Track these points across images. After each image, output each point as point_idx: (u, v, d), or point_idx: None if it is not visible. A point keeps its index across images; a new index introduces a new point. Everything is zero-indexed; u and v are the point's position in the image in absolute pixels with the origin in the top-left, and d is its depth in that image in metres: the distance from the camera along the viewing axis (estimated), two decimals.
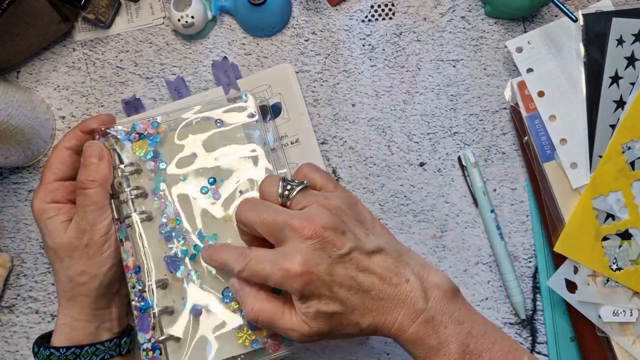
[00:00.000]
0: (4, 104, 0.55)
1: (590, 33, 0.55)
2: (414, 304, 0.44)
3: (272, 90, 0.60)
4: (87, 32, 0.62)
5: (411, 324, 0.44)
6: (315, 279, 0.43)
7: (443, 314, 0.45)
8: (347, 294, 0.44)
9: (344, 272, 0.44)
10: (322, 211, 0.45)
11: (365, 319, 0.45)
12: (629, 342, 0.53)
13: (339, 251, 0.44)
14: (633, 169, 0.53)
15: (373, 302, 0.44)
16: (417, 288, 0.45)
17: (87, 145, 0.53)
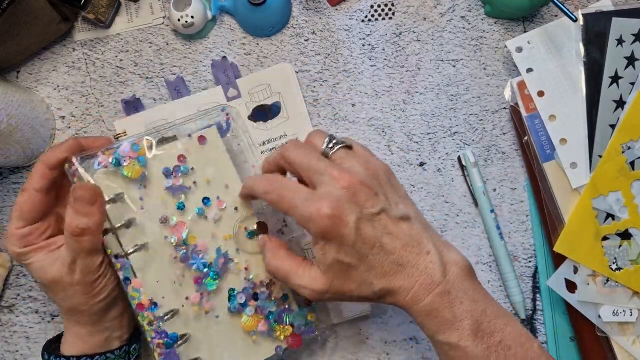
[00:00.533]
0: (4, 104, 0.55)
1: (590, 33, 0.55)
2: (432, 275, 0.45)
3: (271, 90, 0.60)
4: (87, 32, 0.62)
5: (427, 295, 0.44)
6: (342, 227, 0.44)
7: (459, 289, 0.45)
8: (369, 252, 0.45)
9: (371, 229, 0.45)
10: (360, 169, 0.46)
11: (380, 281, 0.45)
12: (629, 342, 0.53)
13: (370, 209, 0.45)
14: (633, 169, 0.53)
15: (392, 266, 0.45)
16: (437, 261, 0.45)
17: (78, 187, 0.48)
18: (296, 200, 0.46)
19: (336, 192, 0.45)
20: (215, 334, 0.52)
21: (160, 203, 0.51)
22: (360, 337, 0.59)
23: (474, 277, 0.47)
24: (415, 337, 0.58)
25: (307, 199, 0.45)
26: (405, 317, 0.59)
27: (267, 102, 0.60)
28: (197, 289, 0.52)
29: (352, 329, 0.59)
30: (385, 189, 0.47)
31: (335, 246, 0.45)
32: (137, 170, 0.51)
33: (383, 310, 0.59)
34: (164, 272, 0.51)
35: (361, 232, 0.45)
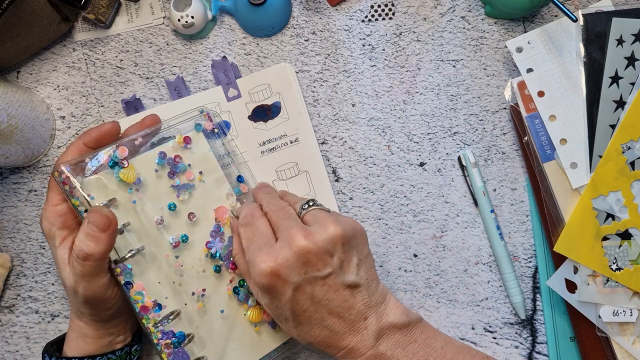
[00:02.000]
0: (4, 104, 0.55)
1: (590, 33, 0.55)
2: (364, 341, 0.46)
3: (271, 90, 0.60)
4: (87, 32, 0.62)
5: (359, 356, 0.46)
6: (279, 285, 0.46)
7: (395, 348, 0.46)
8: (300, 312, 0.46)
9: (309, 293, 0.46)
10: (322, 230, 0.46)
11: (307, 338, 0.47)
12: (629, 342, 0.53)
13: (316, 272, 0.46)
14: (633, 169, 0.53)
15: (322, 331, 0.46)
16: (373, 327, 0.46)
17: (93, 211, 0.48)
18: (252, 245, 0.48)
19: (286, 252, 0.45)
20: (220, 330, 0.53)
21: (155, 204, 0.52)
22: None
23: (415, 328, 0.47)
24: None
25: (259, 248, 0.47)
26: None
27: (267, 102, 0.60)
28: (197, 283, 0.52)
29: None
30: (344, 252, 0.47)
31: (268, 297, 0.47)
32: (133, 175, 0.51)
33: None
34: (163, 273, 0.52)
35: (297, 294, 0.46)
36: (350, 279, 0.46)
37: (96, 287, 0.49)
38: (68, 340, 0.53)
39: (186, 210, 0.53)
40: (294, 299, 0.46)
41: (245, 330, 0.53)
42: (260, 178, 0.59)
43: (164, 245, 0.52)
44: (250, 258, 0.47)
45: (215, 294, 0.53)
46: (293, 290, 0.45)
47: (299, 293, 0.45)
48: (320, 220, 0.47)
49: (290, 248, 0.45)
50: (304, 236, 0.45)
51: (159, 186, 0.52)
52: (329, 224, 0.46)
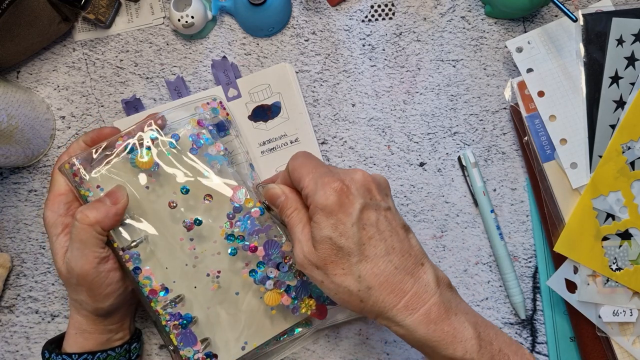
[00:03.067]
0: (4, 104, 0.55)
1: (590, 33, 0.55)
2: (426, 285, 0.43)
3: (271, 90, 0.60)
4: (87, 32, 0.62)
5: (422, 305, 0.42)
6: (347, 205, 0.43)
7: (451, 301, 0.44)
8: (366, 240, 0.43)
9: (374, 218, 0.43)
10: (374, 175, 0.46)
11: (368, 278, 0.42)
12: (629, 342, 0.53)
13: (380, 202, 0.44)
14: (633, 169, 0.53)
15: (387, 265, 0.43)
16: (430, 273, 0.44)
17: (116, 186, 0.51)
18: (316, 170, 0.45)
19: (350, 176, 0.44)
20: (233, 312, 0.54)
21: (168, 188, 0.53)
22: (360, 337, 0.59)
23: (456, 291, 0.46)
24: None
25: (324, 173, 0.44)
26: None
27: (267, 102, 0.60)
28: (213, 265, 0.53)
29: (352, 329, 0.59)
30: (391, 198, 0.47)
31: (332, 222, 0.43)
32: (150, 160, 0.52)
33: None
34: (176, 257, 0.53)
35: (364, 216, 0.43)
36: (404, 222, 0.46)
37: (88, 261, 0.49)
38: (67, 336, 0.53)
39: (201, 192, 0.53)
40: (361, 221, 0.43)
41: (259, 313, 0.54)
42: (261, 178, 0.59)
43: (178, 229, 0.53)
44: (316, 182, 0.44)
45: (230, 276, 0.53)
46: (360, 209, 0.43)
47: (365, 214, 0.43)
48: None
49: (354, 174, 0.45)
50: (363, 171, 0.45)
51: (174, 169, 0.53)
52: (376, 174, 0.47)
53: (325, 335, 0.59)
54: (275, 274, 0.52)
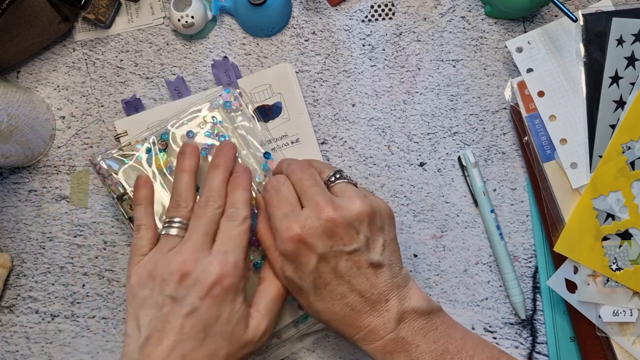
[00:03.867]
0: (4, 104, 0.55)
1: (590, 33, 0.55)
2: (385, 323, 0.45)
3: (272, 90, 0.60)
4: (87, 32, 0.62)
5: (378, 339, 0.45)
6: (304, 254, 0.45)
7: (416, 334, 0.45)
8: (322, 285, 0.46)
9: (332, 267, 0.45)
10: (350, 205, 0.46)
11: (326, 315, 0.46)
12: (629, 342, 0.53)
13: (342, 247, 0.45)
14: (633, 168, 0.53)
15: (343, 307, 0.46)
16: (394, 310, 0.45)
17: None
18: (277, 212, 0.47)
19: (313, 221, 0.45)
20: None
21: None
22: None
23: (436, 316, 0.47)
24: None
25: (285, 215, 0.46)
26: None
27: (268, 102, 0.60)
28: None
29: None
30: (370, 230, 0.46)
31: (292, 267, 0.46)
32: (165, 162, 0.55)
33: None
34: None
35: (321, 266, 0.45)
36: (375, 258, 0.45)
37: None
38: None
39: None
40: (318, 271, 0.45)
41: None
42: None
43: None
44: (276, 225, 0.46)
45: None
46: (317, 260, 0.45)
47: (323, 264, 0.45)
48: (349, 194, 0.46)
49: (317, 218, 0.45)
50: (332, 208, 0.45)
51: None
52: (357, 200, 0.46)
53: (325, 335, 0.59)
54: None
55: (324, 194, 0.46)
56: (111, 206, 0.61)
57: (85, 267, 0.61)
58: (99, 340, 0.60)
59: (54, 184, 0.61)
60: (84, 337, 0.60)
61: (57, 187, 0.61)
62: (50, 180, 0.62)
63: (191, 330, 0.45)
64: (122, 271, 0.61)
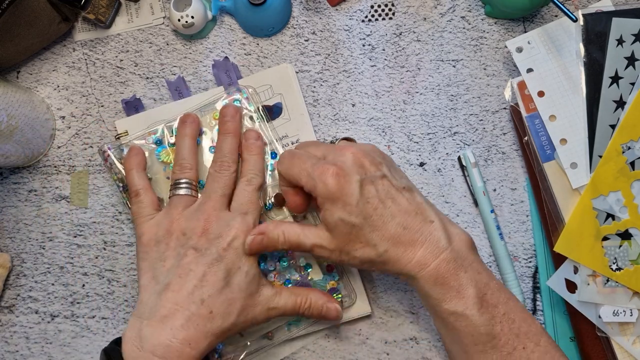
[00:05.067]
0: (4, 104, 0.55)
1: (590, 33, 0.55)
2: (437, 241, 0.47)
3: (273, 91, 0.60)
4: (87, 32, 0.62)
5: (433, 260, 0.46)
6: (346, 185, 0.47)
7: (464, 259, 0.47)
8: (372, 212, 0.47)
9: (374, 190, 0.47)
10: (362, 147, 0.50)
11: (384, 242, 0.47)
12: (629, 342, 0.53)
13: (374, 173, 0.48)
14: (633, 169, 0.53)
15: (396, 228, 0.47)
16: (441, 230, 0.47)
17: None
18: (305, 164, 0.49)
19: (341, 158, 0.48)
20: None
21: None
22: (360, 337, 0.59)
23: (476, 252, 0.49)
24: (415, 337, 0.58)
25: (315, 164, 0.48)
26: (405, 317, 0.59)
27: (269, 103, 0.60)
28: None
29: (352, 329, 0.59)
30: (386, 165, 0.49)
31: (339, 205, 0.47)
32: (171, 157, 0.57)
33: (383, 310, 0.59)
34: None
35: (364, 191, 0.47)
36: (403, 183, 0.49)
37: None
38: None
39: None
40: (363, 197, 0.47)
41: None
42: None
43: None
44: (312, 174, 0.48)
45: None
46: (360, 186, 0.47)
47: (366, 189, 0.47)
48: (352, 143, 0.51)
49: (342, 155, 0.48)
50: (349, 146, 0.49)
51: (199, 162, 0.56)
52: (361, 144, 0.51)
53: (325, 335, 0.59)
54: (276, 268, 0.55)
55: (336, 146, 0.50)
56: (111, 206, 0.61)
57: (85, 267, 0.61)
58: (99, 340, 0.60)
59: (54, 184, 0.61)
60: (84, 337, 0.60)
61: (57, 187, 0.61)
62: (50, 180, 0.62)
63: (212, 278, 0.48)
64: (122, 271, 0.61)
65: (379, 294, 0.59)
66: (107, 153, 0.57)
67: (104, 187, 0.61)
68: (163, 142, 0.57)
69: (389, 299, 0.59)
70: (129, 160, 0.55)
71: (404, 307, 0.59)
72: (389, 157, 0.52)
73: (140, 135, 0.58)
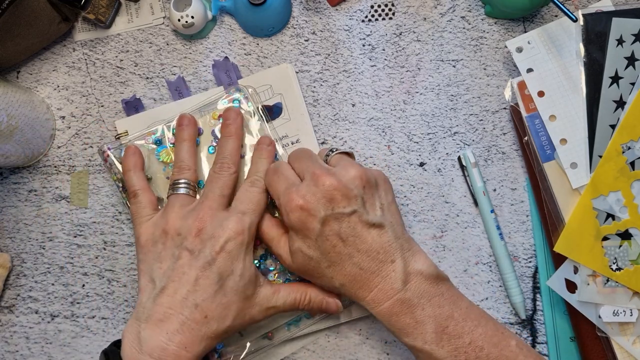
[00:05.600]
0: (4, 104, 0.55)
1: (590, 33, 0.55)
2: (392, 284, 0.47)
3: (273, 91, 0.60)
4: (87, 32, 0.62)
5: (386, 300, 0.47)
6: (309, 220, 0.47)
7: (421, 297, 0.47)
8: (330, 249, 0.47)
9: (337, 228, 0.47)
10: (345, 171, 0.49)
11: (339, 278, 0.48)
12: (629, 342, 0.53)
13: (341, 209, 0.47)
14: (633, 169, 0.53)
15: (352, 267, 0.47)
16: (400, 270, 0.47)
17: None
18: (280, 188, 0.49)
19: (312, 189, 0.47)
20: None
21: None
22: (360, 337, 0.59)
23: (442, 284, 0.48)
24: None
25: (287, 189, 0.49)
26: None
27: (269, 103, 0.60)
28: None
29: (352, 329, 0.59)
30: (367, 194, 0.48)
31: (300, 237, 0.48)
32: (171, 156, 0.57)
33: None
34: None
35: (325, 228, 0.47)
36: (375, 219, 0.48)
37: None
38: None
39: None
40: (323, 234, 0.47)
41: None
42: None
43: None
44: (280, 200, 0.49)
45: None
46: (321, 224, 0.47)
47: (327, 228, 0.47)
48: (344, 163, 0.50)
49: (315, 185, 0.47)
50: (327, 175, 0.48)
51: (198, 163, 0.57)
52: (351, 166, 0.49)
53: (325, 335, 0.59)
54: (276, 267, 0.55)
55: (320, 165, 0.49)
56: (111, 206, 0.61)
57: (85, 267, 0.61)
58: (99, 340, 0.60)
59: (54, 184, 0.61)
60: (84, 337, 0.60)
61: (57, 187, 0.61)
62: (50, 180, 0.62)
63: (205, 282, 0.48)
64: (122, 271, 0.61)
65: None
66: (107, 153, 0.57)
67: (104, 187, 0.61)
68: (163, 142, 0.57)
69: None
70: (127, 160, 0.55)
71: None
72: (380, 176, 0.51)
73: (140, 135, 0.58)
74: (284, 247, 0.51)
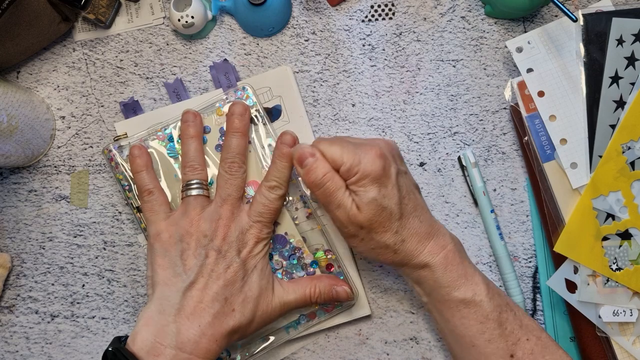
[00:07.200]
0: (4, 104, 0.55)
1: (590, 33, 0.55)
2: (443, 236, 0.50)
3: (272, 93, 0.60)
4: (87, 32, 0.62)
5: (441, 250, 0.49)
6: (388, 169, 0.49)
7: (462, 252, 0.51)
8: (400, 200, 0.49)
9: (402, 182, 0.50)
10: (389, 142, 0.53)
11: (403, 231, 0.49)
12: (629, 342, 0.53)
13: (400, 166, 0.51)
14: (633, 169, 0.53)
15: (414, 220, 0.50)
16: (441, 225, 0.52)
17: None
18: (349, 144, 0.50)
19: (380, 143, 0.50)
20: None
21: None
22: (360, 337, 0.59)
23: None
24: (415, 337, 0.58)
25: (359, 144, 0.50)
26: (405, 317, 0.59)
27: (268, 105, 0.60)
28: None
29: (352, 329, 0.59)
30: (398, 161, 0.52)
31: (376, 186, 0.48)
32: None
33: (383, 310, 0.59)
34: None
35: (399, 179, 0.50)
36: (415, 182, 0.53)
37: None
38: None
39: None
40: (397, 183, 0.49)
41: None
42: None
43: None
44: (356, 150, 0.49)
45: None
46: (396, 173, 0.49)
47: (399, 177, 0.50)
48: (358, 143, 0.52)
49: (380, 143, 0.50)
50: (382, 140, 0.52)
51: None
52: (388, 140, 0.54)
53: (325, 335, 0.59)
54: (283, 266, 0.56)
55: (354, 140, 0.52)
56: (111, 206, 0.61)
57: (85, 267, 0.61)
58: (99, 341, 0.60)
59: (54, 184, 0.61)
60: (84, 338, 0.60)
61: (57, 187, 0.61)
62: (50, 180, 0.62)
63: (233, 278, 0.51)
64: (122, 271, 0.61)
65: (378, 294, 0.59)
66: (113, 152, 0.57)
67: (104, 187, 0.61)
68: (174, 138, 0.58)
69: (389, 299, 0.59)
70: (136, 161, 0.56)
71: (404, 307, 0.59)
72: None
73: (138, 137, 0.57)
74: (348, 197, 0.49)
